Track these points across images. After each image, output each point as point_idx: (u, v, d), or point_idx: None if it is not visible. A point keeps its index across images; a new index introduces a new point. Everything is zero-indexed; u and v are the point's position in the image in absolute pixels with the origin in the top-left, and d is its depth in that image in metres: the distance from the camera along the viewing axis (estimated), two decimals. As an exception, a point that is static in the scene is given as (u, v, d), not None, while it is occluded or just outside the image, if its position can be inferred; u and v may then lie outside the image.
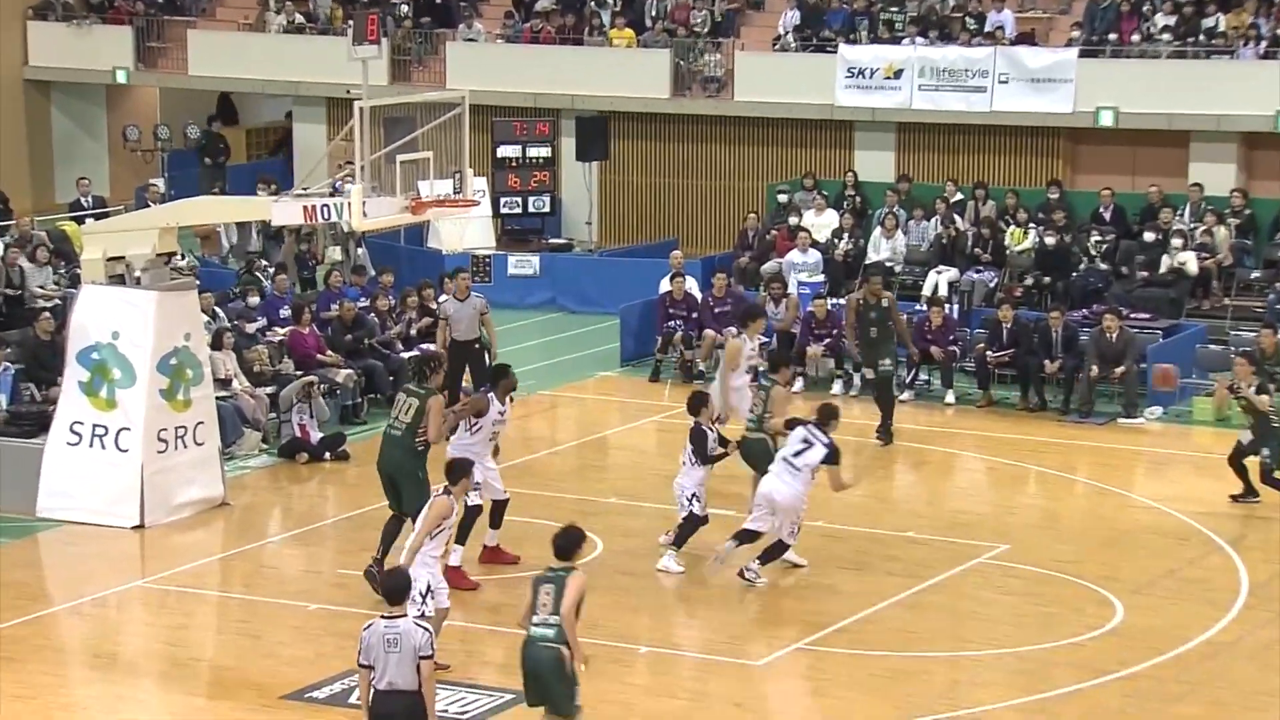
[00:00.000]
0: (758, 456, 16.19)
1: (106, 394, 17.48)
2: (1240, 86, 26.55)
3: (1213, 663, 14.05)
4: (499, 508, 15.95)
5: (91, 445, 17.47)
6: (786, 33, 29.64)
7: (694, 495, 15.98)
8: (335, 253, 25.84)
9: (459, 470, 13.59)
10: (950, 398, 22.08)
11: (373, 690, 10.83)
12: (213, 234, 27.28)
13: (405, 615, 10.92)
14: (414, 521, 14.64)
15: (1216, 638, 14.53)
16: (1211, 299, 24.42)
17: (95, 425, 17.47)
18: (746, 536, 15.50)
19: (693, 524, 16.02)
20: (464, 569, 15.45)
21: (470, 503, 15.42)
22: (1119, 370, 21.27)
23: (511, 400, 15.97)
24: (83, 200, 27.95)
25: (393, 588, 11.06)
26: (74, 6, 34.35)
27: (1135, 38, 27.75)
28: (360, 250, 26.00)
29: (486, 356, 20.56)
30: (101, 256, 17.80)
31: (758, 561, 15.47)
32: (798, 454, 15.42)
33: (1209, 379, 21.72)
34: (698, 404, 16.23)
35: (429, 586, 13.14)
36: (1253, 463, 17.80)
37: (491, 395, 15.73)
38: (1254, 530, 17.33)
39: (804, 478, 15.39)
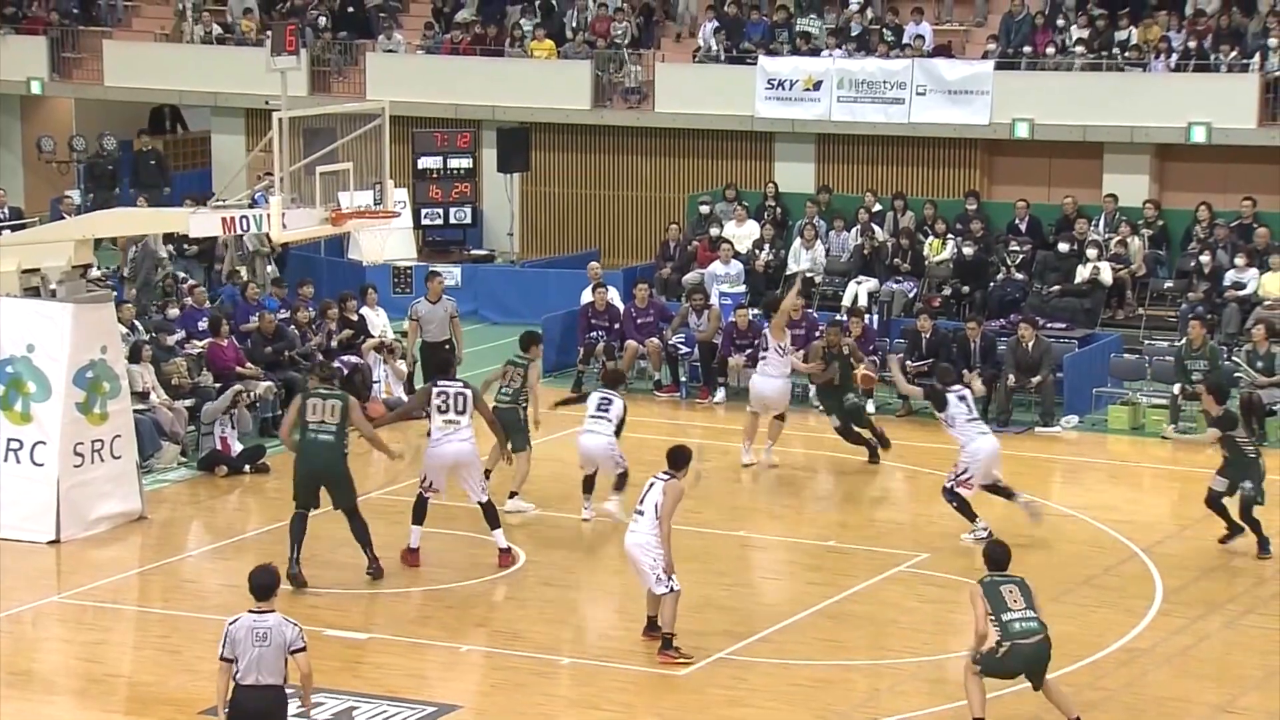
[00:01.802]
0: (508, 425, 17.70)
1: (21, 408, 17.26)
2: (1152, 99, 26.90)
3: (1128, 669, 14.19)
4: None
5: (6, 459, 17.24)
6: (706, 44, 29.76)
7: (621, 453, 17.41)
8: (242, 273, 25.47)
9: (683, 457, 14.14)
10: (870, 407, 22.20)
11: (235, 685, 10.92)
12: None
13: (273, 610, 10.97)
14: (348, 513, 15.60)
15: (1132, 644, 14.69)
16: (1125, 308, 24.74)
17: (10, 439, 17.25)
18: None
19: (626, 476, 17.33)
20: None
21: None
22: (1035, 380, 21.48)
23: None
24: (-1, 212, 27.63)
25: (261, 584, 11.12)
26: (-14, 16, 33.96)
27: (1050, 50, 28.07)
28: (270, 268, 25.63)
29: (454, 357, 20.92)
30: (16, 269, 17.57)
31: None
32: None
33: (1123, 387, 22.00)
34: (615, 380, 17.98)
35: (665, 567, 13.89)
36: (1232, 501, 16.86)
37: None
38: (1169, 538, 17.53)
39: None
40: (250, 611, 11.00)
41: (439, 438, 16.18)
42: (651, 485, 13.99)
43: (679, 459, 14.13)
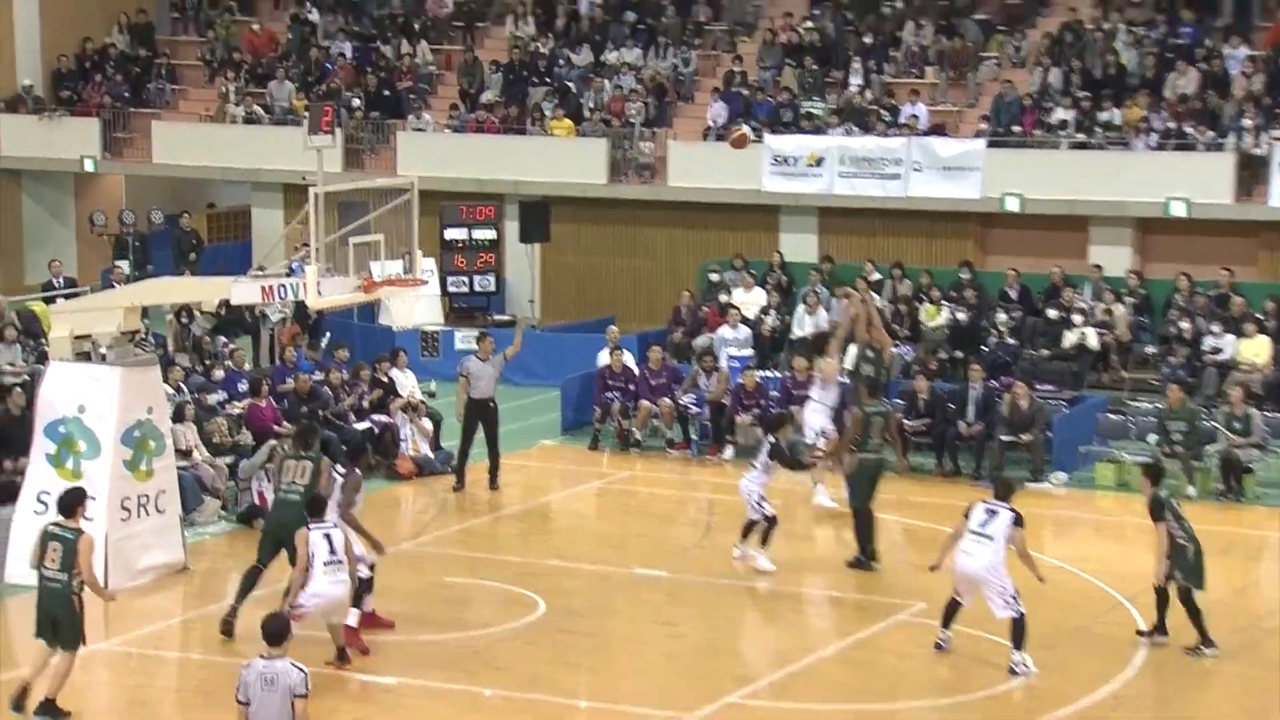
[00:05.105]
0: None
1: (72, 465, 17.26)
2: (1135, 175, 26.98)
3: (1115, 714, 14.09)
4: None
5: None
6: (716, 123, 29.90)
7: (762, 498, 17.28)
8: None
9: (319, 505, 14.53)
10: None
11: None
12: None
13: (284, 656, 10.96)
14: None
15: (1119, 690, 14.58)
16: (1111, 372, 24.77)
17: (61, 495, 17.24)
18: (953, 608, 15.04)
19: (773, 523, 17.34)
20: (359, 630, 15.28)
21: (362, 575, 15.18)
22: (1027, 437, 21.43)
23: None
24: (55, 281, 27.76)
25: (273, 630, 11.11)
26: (44, 99, 34.26)
27: (1037, 130, 28.16)
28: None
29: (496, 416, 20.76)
30: (69, 335, 17.66)
31: (1017, 651, 14.74)
32: (984, 524, 14.76)
33: (1109, 446, 21.95)
34: (776, 423, 17.71)
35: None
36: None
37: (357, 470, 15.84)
38: (1150, 587, 17.39)
39: (996, 545, 14.66)
40: (262, 656, 10.98)
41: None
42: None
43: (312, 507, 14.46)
